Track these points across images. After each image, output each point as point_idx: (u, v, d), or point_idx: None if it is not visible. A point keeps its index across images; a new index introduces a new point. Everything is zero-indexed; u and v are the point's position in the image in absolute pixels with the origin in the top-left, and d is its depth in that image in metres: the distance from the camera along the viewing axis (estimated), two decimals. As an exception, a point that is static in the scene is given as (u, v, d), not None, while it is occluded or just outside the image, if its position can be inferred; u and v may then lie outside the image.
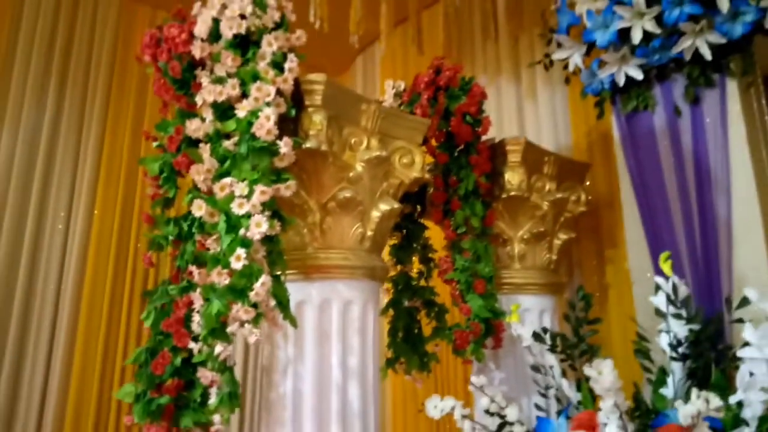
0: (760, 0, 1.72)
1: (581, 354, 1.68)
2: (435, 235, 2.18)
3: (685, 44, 1.89)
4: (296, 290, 1.61)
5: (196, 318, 1.40)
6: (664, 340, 1.50)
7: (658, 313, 1.52)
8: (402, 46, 3.57)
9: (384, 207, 1.73)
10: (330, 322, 1.61)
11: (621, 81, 2.06)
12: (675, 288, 1.49)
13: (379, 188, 1.74)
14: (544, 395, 1.69)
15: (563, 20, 2.16)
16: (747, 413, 1.30)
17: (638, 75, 2.02)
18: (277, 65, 1.51)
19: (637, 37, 1.94)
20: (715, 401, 1.15)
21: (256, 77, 1.47)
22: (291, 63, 1.51)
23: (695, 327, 1.47)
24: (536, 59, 2.56)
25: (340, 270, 1.63)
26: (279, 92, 1.48)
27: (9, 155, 2.73)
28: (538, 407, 1.73)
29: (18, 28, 2.87)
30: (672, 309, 1.48)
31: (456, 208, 1.99)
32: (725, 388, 1.37)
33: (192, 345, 1.41)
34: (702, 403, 1.13)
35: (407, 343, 2.10)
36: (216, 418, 1.38)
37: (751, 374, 1.29)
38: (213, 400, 1.37)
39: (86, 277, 2.77)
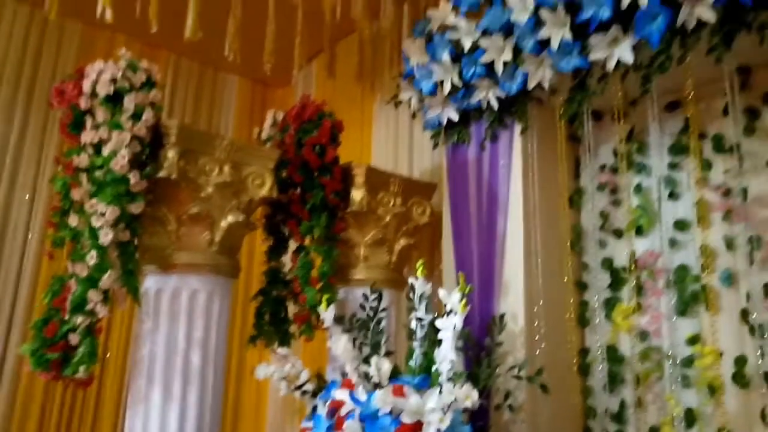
0: (520, 65, 2.21)
1: (375, 334, 2.22)
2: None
3: (480, 96, 2.40)
4: (156, 281, 2.20)
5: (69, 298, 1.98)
6: (411, 326, 2.03)
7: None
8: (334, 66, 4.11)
9: (231, 219, 2.28)
10: (180, 306, 2.18)
11: (444, 121, 2.58)
12: (412, 287, 2.03)
13: (228, 205, 2.29)
14: (345, 365, 2.24)
15: (406, 68, 2.67)
16: (443, 378, 1.84)
17: (454, 117, 2.54)
18: (138, 116, 2.07)
19: (446, 88, 2.45)
20: (385, 365, 1.68)
21: (118, 126, 2.03)
22: (147, 115, 2.07)
23: (425, 318, 2.00)
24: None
25: (189, 267, 2.20)
26: (136, 137, 2.04)
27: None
28: (343, 375, 2.28)
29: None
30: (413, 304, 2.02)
31: (305, 219, 2.52)
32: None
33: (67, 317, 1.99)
34: (375, 366, 1.67)
35: (272, 324, 2.67)
36: (81, 368, 1.96)
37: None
38: (76, 358, 1.95)
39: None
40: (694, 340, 2.13)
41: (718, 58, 1.86)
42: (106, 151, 2.02)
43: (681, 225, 2.26)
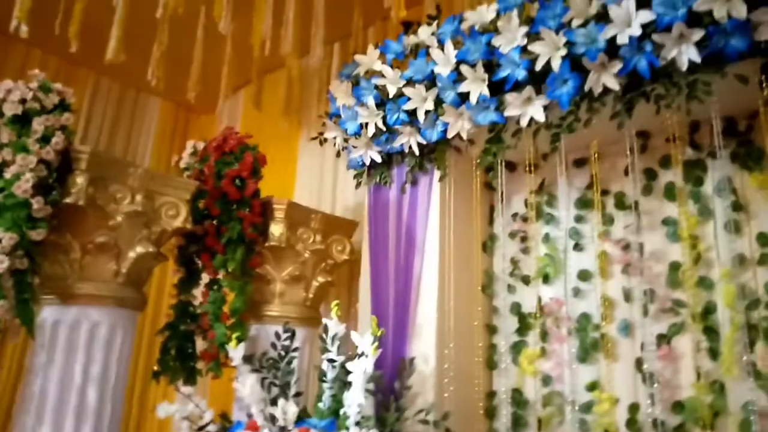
0: (441, 115, 2.29)
1: (285, 374, 2.18)
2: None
3: (402, 140, 2.45)
4: (54, 312, 2.08)
5: (-44, 329, 1.84)
6: (323, 366, 2.02)
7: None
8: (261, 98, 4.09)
9: (140, 250, 2.20)
10: (78, 339, 2.06)
11: (367, 162, 2.62)
12: (326, 328, 2.03)
13: (138, 235, 2.21)
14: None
15: (332, 108, 2.71)
16: (350, 421, 1.83)
17: (377, 158, 2.58)
18: (47, 139, 1.98)
19: (370, 131, 2.49)
20: (291, 409, 1.66)
21: (24, 149, 1.93)
22: (57, 138, 1.98)
23: (335, 359, 1.99)
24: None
25: (91, 298, 2.10)
26: (43, 161, 1.95)
27: None
28: (249, 416, 2.22)
29: None
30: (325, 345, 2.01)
31: (220, 252, 2.47)
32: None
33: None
34: (280, 410, 1.65)
35: (178, 360, 2.56)
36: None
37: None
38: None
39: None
40: (593, 387, 2.22)
41: (620, 123, 2.01)
42: (8, 173, 1.91)
43: (584, 275, 2.38)
